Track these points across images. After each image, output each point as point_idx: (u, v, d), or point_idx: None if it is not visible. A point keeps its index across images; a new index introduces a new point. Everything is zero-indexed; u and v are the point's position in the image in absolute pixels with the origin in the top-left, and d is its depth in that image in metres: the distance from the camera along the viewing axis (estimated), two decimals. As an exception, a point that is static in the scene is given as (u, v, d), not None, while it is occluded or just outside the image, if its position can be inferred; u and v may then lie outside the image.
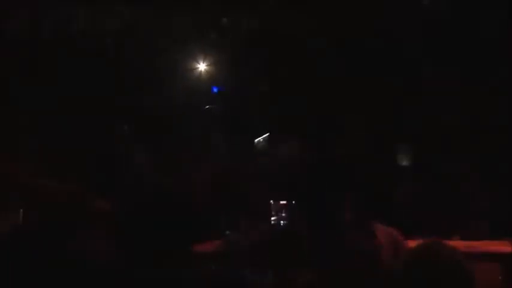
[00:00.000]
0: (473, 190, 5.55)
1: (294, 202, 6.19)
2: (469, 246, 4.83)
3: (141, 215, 3.04)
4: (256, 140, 7.79)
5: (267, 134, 7.99)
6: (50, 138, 6.71)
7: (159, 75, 8.29)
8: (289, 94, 7.97)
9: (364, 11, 7.60)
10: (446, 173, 5.90)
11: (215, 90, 8.76)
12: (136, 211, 3.08)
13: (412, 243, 3.13)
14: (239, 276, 3.35)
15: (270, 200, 6.20)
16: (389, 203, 5.61)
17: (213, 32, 8.42)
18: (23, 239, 2.88)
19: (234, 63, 8.44)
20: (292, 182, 6.39)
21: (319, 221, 3.24)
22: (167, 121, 7.79)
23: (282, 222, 6.22)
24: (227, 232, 4.80)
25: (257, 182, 6.58)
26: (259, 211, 5.87)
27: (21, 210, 3.66)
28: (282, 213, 6.28)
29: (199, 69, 9.04)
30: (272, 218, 6.20)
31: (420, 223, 5.25)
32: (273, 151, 7.63)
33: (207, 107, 7.25)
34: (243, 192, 6.24)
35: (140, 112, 7.81)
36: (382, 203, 5.19)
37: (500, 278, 4.47)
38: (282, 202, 6.29)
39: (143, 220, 3.01)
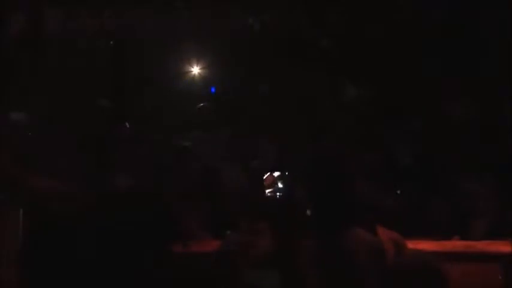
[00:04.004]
0: (473, 190, 5.54)
1: (287, 173, 6.15)
2: (469, 246, 4.84)
3: None
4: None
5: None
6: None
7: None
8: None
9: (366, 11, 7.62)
10: (446, 173, 5.90)
11: (213, 90, 8.77)
12: None
13: (413, 245, 3.13)
14: None
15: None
16: (388, 204, 5.61)
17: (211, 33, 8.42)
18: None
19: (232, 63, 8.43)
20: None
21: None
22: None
23: (278, 194, 6.18)
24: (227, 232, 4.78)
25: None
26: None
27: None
28: (277, 184, 6.24)
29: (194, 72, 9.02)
30: (268, 191, 6.14)
31: (420, 224, 5.26)
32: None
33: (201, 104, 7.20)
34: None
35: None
36: (379, 205, 5.20)
37: (500, 278, 4.47)
38: (275, 173, 6.25)
39: None
